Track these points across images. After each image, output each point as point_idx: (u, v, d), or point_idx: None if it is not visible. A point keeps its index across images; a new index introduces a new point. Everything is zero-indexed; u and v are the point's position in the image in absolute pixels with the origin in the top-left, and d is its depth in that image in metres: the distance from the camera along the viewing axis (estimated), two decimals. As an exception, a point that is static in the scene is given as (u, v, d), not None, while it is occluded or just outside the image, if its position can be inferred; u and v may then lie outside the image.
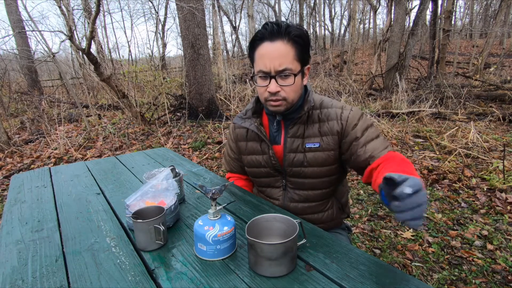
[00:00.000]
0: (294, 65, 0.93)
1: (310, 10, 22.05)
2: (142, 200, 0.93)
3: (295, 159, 1.04)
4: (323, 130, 1.01)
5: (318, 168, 1.03)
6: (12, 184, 1.37)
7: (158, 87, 6.18)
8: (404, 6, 7.79)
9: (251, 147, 1.13)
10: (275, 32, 0.91)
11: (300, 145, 1.03)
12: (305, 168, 1.03)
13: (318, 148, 1.01)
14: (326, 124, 1.01)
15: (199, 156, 3.91)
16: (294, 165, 1.04)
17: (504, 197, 2.49)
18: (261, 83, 0.97)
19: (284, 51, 0.92)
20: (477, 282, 1.64)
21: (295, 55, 0.93)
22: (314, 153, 1.02)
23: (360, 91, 7.33)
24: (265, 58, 0.93)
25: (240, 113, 1.13)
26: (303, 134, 1.02)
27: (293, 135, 1.03)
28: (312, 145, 1.01)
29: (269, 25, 0.92)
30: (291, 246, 0.69)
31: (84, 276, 0.72)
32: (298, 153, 1.03)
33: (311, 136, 1.02)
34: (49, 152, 4.15)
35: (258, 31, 0.95)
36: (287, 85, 0.94)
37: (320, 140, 1.01)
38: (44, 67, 13.77)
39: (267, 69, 0.93)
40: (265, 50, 0.93)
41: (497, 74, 8.97)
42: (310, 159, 1.02)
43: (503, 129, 4.48)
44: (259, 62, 0.95)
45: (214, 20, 10.55)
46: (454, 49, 12.36)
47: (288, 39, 0.92)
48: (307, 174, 1.05)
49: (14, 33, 8.02)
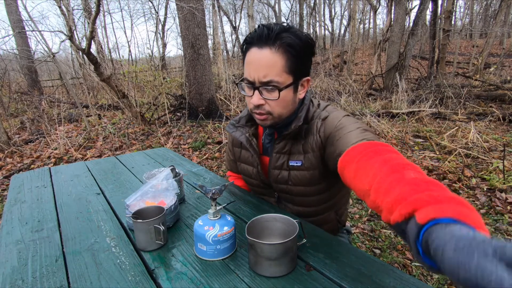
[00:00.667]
0: (283, 78, 0.81)
1: (310, 10, 22.05)
2: (142, 200, 0.93)
3: (279, 176, 0.97)
4: (305, 148, 0.91)
5: (303, 188, 0.95)
6: (12, 184, 1.37)
7: (158, 87, 6.18)
8: (404, 6, 7.79)
9: (244, 155, 1.08)
10: (264, 37, 0.80)
11: (285, 163, 0.95)
12: (291, 186, 0.96)
13: (300, 167, 0.92)
14: (308, 140, 0.91)
15: (199, 156, 3.91)
16: (279, 182, 0.98)
17: (504, 197, 2.49)
18: (247, 92, 0.88)
19: (271, 61, 0.80)
20: (477, 282, 1.64)
21: (284, 66, 0.81)
22: (297, 172, 0.93)
23: (360, 91, 7.33)
24: (251, 66, 0.83)
25: (233, 120, 1.04)
26: (289, 151, 0.94)
27: (279, 151, 0.95)
28: (295, 163, 0.93)
29: (259, 28, 0.82)
30: (291, 246, 0.69)
31: (84, 276, 0.72)
32: (283, 170, 0.95)
33: (295, 153, 0.93)
34: (49, 152, 4.15)
35: (249, 34, 0.85)
36: (271, 99, 0.83)
37: (302, 158, 0.92)
38: (44, 67, 13.77)
39: (251, 78, 0.83)
40: (252, 56, 0.82)
41: (497, 74, 8.98)
42: (294, 178, 0.94)
43: (503, 129, 4.48)
44: (246, 69, 0.85)
45: (214, 20, 10.55)
46: (454, 49, 12.36)
47: (278, 47, 0.80)
48: (294, 192, 0.98)
49: (14, 33, 8.02)
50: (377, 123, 4.59)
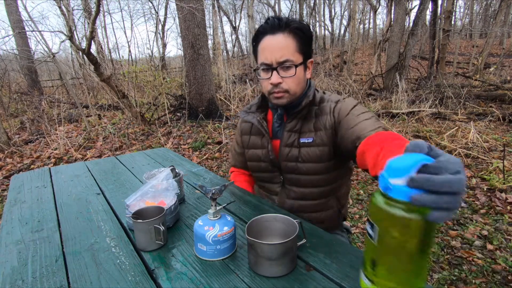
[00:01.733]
0: (295, 57, 0.95)
1: (310, 10, 22.06)
2: (142, 200, 0.93)
3: (289, 154, 1.04)
4: (317, 125, 1.01)
5: (313, 165, 1.02)
6: (12, 184, 1.37)
7: (158, 87, 6.18)
8: (404, 6, 7.79)
9: (253, 141, 1.15)
10: (276, 25, 0.94)
11: (295, 140, 1.03)
12: (300, 163, 1.03)
13: (311, 143, 1.01)
14: (320, 119, 1.01)
15: (199, 156, 3.91)
16: (289, 160, 1.05)
17: (504, 197, 2.49)
18: (264, 75, 0.99)
19: (285, 43, 0.94)
20: (477, 282, 1.64)
21: (296, 47, 0.95)
22: (308, 149, 1.02)
23: (360, 91, 7.33)
24: (266, 50, 0.96)
25: (245, 107, 1.16)
26: (300, 130, 1.03)
27: (290, 129, 1.04)
28: (306, 140, 1.02)
29: (270, 19, 0.96)
30: (291, 246, 0.69)
31: (84, 276, 0.72)
32: (293, 147, 1.03)
33: (306, 132, 1.02)
34: (49, 152, 4.15)
35: (260, 26, 0.98)
36: (289, 76, 0.96)
37: (313, 135, 1.01)
38: (44, 67, 13.77)
39: (269, 61, 0.95)
40: (266, 43, 0.96)
41: (497, 74, 8.97)
42: (304, 155, 1.02)
43: (503, 129, 4.48)
44: (261, 55, 0.97)
45: (214, 20, 10.54)
46: (454, 49, 12.36)
47: (289, 32, 0.94)
48: (302, 171, 1.04)
49: (14, 33, 8.02)
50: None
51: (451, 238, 2.04)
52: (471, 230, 2.11)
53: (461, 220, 2.25)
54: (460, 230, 2.13)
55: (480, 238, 2.03)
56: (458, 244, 1.97)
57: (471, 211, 2.36)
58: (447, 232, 2.12)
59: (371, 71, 9.24)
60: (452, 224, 2.21)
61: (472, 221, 2.23)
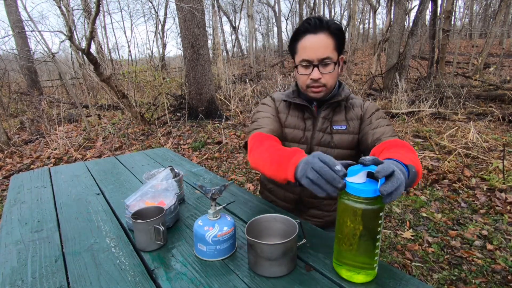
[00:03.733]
0: (334, 55, 1.04)
1: (310, 10, 22.06)
2: (142, 200, 0.92)
3: (322, 139, 1.13)
4: (350, 116, 1.13)
5: (343, 151, 1.12)
6: (11, 185, 1.37)
7: (158, 87, 6.18)
8: (403, 6, 7.79)
9: (290, 121, 1.17)
10: (318, 26, 1.02)
11: (328, 127, 1.13)
12: (331, 149, 1.12)
13: (344, 131, 1.12)
14: (351, 111, 1.14)
15: (199, 156, 3.91)
16: (321, 145, 1.13)
17: (504, 197, 2.49)
18: (304, 71, 1.07)
19: (326, 42, 1.02)
20: (477, 282, 1.64)
21: (334, 45, 1.03)
22: (340, 135, 1.12)
23: (360, 91, 7.33)
24: (308, 48, 1.03)
25: (286, 93, 1.21)
26: (332, 118, 1.13)
27: (324, 116, 1.13)
28: (339, 127, 1.12)
29: (312, 20, 1.03)
30: (291, 246, 0.69)
31: (84, 276, 0.72)
32: (326, 134, 1.13)
33: (338, 121, 1.13)
34: (49, 153, 4.15)
35: (301, 25, 1.05)
36: (328, 72, 1.05)
37: (346, 124, 1.12)
38: (44, 67, 13.75)
39: (311, 58, 1.03)
40: (308, 41, 1.03)
41: (496, 74, 8.97)
42: (337, 140, 1.12)
43: (503, 129, 4.49)
44: (302, 52, 1.04)
45: (214, 20, 10.54)
46: (453, 49, 12.36)
47: (329, 32, 1.02)
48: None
49: (14, 33, 8.01)
50: (377, 123, 4.58)
51: (451, 238, 2.04)
52: (471, 230, 2.11)
53: (461, 220, 2.25)
54: (460, 230, 2.13)
55: (480, 238, 2.03)
56: (458, 244, 1.97)
57: (471, 211, 2.36)
58: (447, 232, 2.12)
59: (371, 71, 9.24)
60: (452, 224, 2.21)
61: (472, 221, 2.23)
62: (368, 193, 0.61)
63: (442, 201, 2.55)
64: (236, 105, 6.61)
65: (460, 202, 2.50)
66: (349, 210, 0.63)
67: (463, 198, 2.56)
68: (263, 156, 0.91)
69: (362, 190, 0.61)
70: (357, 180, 0.63)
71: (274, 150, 0.89)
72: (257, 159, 0.94)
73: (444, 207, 2.44)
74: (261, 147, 0.97)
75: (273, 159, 0.85)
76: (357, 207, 0.62)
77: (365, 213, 0.62)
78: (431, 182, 2.87)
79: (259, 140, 1.02)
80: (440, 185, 2.81)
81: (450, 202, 2.52)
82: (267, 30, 30.75)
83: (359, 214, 0.62)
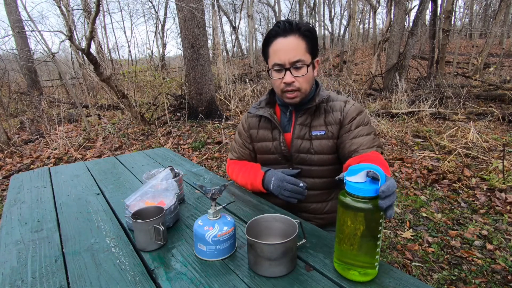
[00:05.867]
0: (306, 57, 1.02)
1: (309, 10, 22.06)
2: (142, 200, 0.92)
3: (301, 146, 1.10)
4: (328, 120, 1.09)
5: (324, 156, 1.09)
6: (11, 184, 1.37)
7: (158, 87, 6.17)
8: (403, 6, 7.79)
9: (262, 134, 1.19)
10: (288, 29, 1.00)
11: (307, 133, 1.10)
12: (312, 155, 1.09)
13: (323, 136, 1.08)
14: (331, 115, 1.09)
15: (199, 156, 3.91)
16: (301, 151, 1.11)
17: (504, 197, 2.49)
18: (276, 76, 1.05)
19: (296, 45, 1.00)
20: (476, 282, 1.64)
21: (306, 48, 1.02)
22: (320, 141, 1.09)
23: (360, 91, 7.33)
24: (279, 52, 1.01)
25: (255, 104, 1.22)
26: (310, 124, 1.10)
27: (301, 123, 1.11)
28: (318, 133, 1.09)
29: (281, 23, 1.02)
30: (291, 246, 0.69)
31: (84, 276, 0.72)
32: (305, 140, 1.10)
33: (316, 126, 1.09)
34: (49, 152, 4.15)
35: (272, 29, 1.04)
36: (301, 75, 1.02)
37: (325, 129, 1.08)
38: (43, 67, 13.75)
39: (282, 61, 1.01)
40: (279, 45, 1.02)
41: (496, 74, 8.97)
42: (316, 146, 1.09)
43: (503, 129, 4.49)
44: (274, 56, 1.03)
45: (214, 20, 10.54)
46: (453, 49, 12.36)
47: (299, 34, 1.01)
48: (313, 162, 1.10)
49: (14, 33, 8.01)
50: (377, 123, 4.59)
51: (451, 238, 2.04)
52: (470, 230, 2.11)
53: (461, 220, 2.25)
54: (460, 230, 2.13)
55: (480, 238, 2.03)
56: (458, 244, 1.97)
57: (471, 211, 2.36)
58: (446, 232, 2.12)
59: (371, 71, 9.24)
60: (451, 224, 2.21)
61: (472, 221, 2.23)
62: (368, 192, 0.62)
63: (442, 201, 2.55)
64: (236, 105, 6.61)
65: (460, 202, 2.50)
66: (350, 210, 0.64)
67: (463, 198, 2.56)
68: (239, 178, 1.21)
69: (363, 190, 0.62)
70: (357, 180, 0.63)
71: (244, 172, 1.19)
72: (236, 180, 1.23)
73: (444, 207, 2.44)
74: (234, 173, 1.25)
75: (247, 181, 1.15)
76: (358, 207, 0.62)
77: (365, 212, 0.63)
78: (431, 182, 2.87)
79: (232, 168, 1.27)
80: (440, 185, 2.81)
81: (450, 202, 2.52)
82: (267, 30, 30.71)
83: (359, 213, 0.63)
